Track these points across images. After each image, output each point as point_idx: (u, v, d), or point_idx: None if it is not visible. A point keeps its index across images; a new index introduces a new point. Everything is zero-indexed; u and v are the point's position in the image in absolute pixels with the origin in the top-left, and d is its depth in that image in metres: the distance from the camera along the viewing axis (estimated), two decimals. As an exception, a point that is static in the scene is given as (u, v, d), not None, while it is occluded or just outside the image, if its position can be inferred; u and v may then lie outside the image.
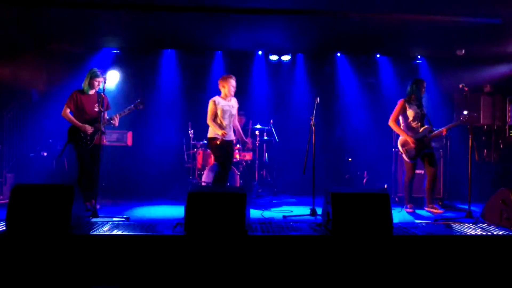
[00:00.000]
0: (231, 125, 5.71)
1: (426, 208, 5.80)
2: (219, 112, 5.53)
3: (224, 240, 3.76)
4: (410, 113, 5.74)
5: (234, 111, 5.70)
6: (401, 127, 5.84)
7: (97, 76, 5.40)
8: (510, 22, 5.87)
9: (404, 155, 5.82)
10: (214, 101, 5.55)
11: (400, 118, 5.84)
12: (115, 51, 7.93)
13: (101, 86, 5.31)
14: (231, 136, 5.69)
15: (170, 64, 8.17)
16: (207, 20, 6.26)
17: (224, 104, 5.58)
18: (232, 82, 5.62)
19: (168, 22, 6.41)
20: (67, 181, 6.30)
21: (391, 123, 5.82)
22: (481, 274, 3.79)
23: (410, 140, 5.68)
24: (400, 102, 5.79)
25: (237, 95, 5.75)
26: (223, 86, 5.60)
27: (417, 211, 5.78)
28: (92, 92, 5.45)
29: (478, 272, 3.80)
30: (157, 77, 8.20)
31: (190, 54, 8.11)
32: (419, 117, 5.75)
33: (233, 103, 5.69)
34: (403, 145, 5.79)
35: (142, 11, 5.81)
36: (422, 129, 5.73)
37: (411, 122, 5.76)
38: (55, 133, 7.19)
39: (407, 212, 5.70)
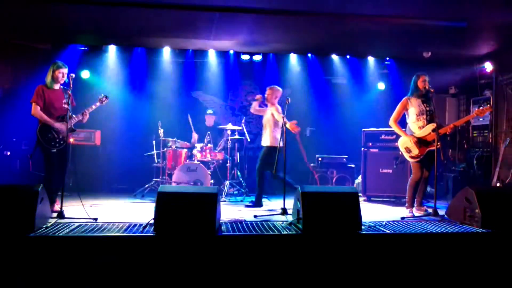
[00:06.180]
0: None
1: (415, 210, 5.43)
2: None
3: (194, 240, 3.74)
4: (413, 110, 5.44)
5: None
6: (407, 125, 5.56)
7: (59, 67, 5.16)
8: (474, 25, 6.05)
9: (405, 155, 5.50)
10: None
11: (408, 114, 5.55)
12: (82, 48, 7.74)
13: (66, 81, 5.16)
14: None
15: (140, 62, 8.03)
16: (177, 17, 6.18)
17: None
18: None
19: (137, 19, 6.29)
20: (32, 182, 6.09)
21: (391, 122, 5.56)
22: (446, 269, 3.92)
23: (409, 138, 5.38)
24: (402, 100, 5.54)
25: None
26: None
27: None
28: (57, 86, 5.23)
29: (443, 267, 3.92)
30: (127, 75, 8.06)
31: (159, 52, 8.00)
32: (423, 113, 5.40)
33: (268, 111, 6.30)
34: (402, 145, 5.49)
35: (110, 6, 5.66)
36: (427, 126, 5.33)
37: (415, 120, 5.43)
38: (19, 132, 6.96)
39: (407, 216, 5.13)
